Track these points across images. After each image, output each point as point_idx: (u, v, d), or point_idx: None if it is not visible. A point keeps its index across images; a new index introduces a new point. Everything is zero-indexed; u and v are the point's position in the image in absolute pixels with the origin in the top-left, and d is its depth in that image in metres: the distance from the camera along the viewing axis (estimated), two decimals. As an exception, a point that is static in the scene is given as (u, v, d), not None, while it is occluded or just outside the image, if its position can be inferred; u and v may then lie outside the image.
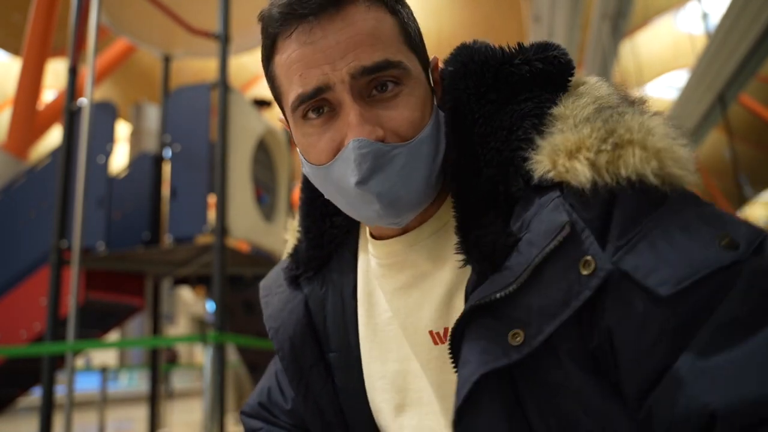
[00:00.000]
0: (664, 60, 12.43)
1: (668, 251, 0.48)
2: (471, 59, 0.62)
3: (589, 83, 0.62)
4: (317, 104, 0.58)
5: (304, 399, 0.73)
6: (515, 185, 0.57)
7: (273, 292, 0.79)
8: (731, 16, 5.72)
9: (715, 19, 7.05)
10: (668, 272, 0.47)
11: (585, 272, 0.49)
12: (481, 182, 0.58)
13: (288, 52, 0.57)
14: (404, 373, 0.67)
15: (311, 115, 0.58)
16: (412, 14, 0.63)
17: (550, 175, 0.54)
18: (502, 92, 0.60)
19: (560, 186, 0.54)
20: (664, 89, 12.08)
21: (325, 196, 0.65)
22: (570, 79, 0.62)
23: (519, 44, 0.63)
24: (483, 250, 0.55)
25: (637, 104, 0.58)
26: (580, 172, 0.52)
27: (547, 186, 0.54)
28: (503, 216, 0.56)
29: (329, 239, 0.75)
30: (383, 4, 0.59)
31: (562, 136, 0.54)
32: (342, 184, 0.59)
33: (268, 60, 0.61)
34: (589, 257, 0.49)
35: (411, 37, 0.61)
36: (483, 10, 9.87)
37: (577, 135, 0.54)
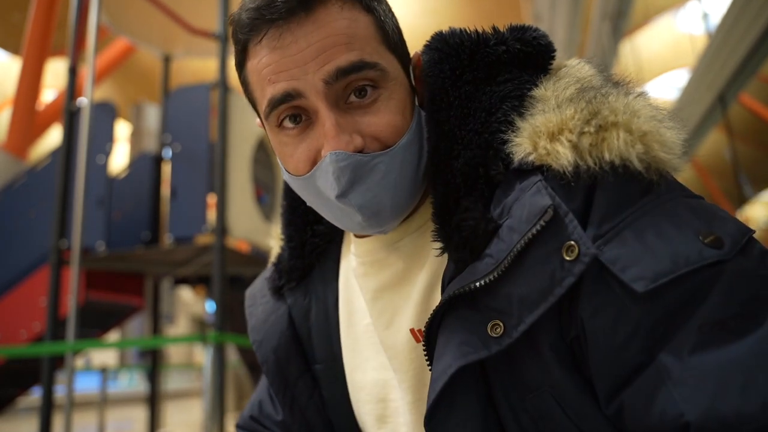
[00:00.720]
0: (664, 60, 12.42)
1: (649, 245, 0.46)
2: (445, 43, 0.59)
3: (570, 65, 0.59)
4: (292, 112, 0.55)
5: (291, 411, 0.72)
6: (495, 169, 0.54)
7: (257, 302, 0.77)
8: (731, 16, 5.72)
9: (715, 19, 7.05)
10: (646, 267, 0.44)
11: (568, 258, 0.46)
12: (460, 165, 0.55)
13: (258, 58, 0.55)
14: (383, 382, 0.66)
15: (287, 123, 0.56)
16: (389, 10, 0.61)
17: (531, 158, 0.51)
18: (480, 72, 0.57)
19: (541, 169, 0.51)
20: (664, 89, 12.07)
21: (307, 204, 0.63)
22: (551, 61, 0.60)
23: (494, 27, 0.60)
24: (464, 236, 0.52)
25: (622, 85, 0.55)
26: (562, 155, 0.49)
27: (527, 169, 0.52)
28: (484, 201, 0.54)
29: (311, 249, 0.73)
30: (357, 2, 0.56)
31: (543, 117, 0.52)
32: (322, 196, 0.57)
33: (240, 66, 0.59)
34: (572, 242, 0.46)
35: (388, 35, 0.58)
36: (483, 10, 9.87)
37: (559, 116, 0.51)
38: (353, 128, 0.54)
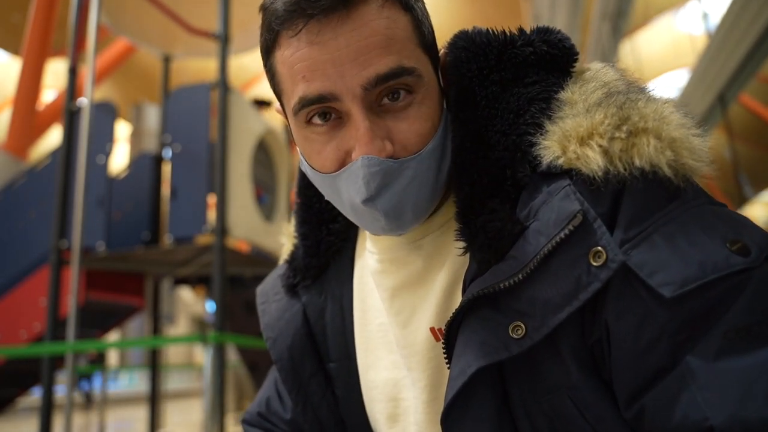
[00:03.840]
0: (664, 60, 12.43)
1: (677, 250, 0.46)
2: (472, 42, 0.58)
3: (594, 69, 0.59)
4: (323, 110, 0.54)
5: (303, 410, 0.72)
6: (522, 171, 0.54)
7: (270, 299, 0.77)
8: (731, 16, 5.72)
9: (715, 19, 7.06)
10: (674, 272, 0.45)
11: (595, 263, 0.46)
12: (487, 166, 0.55)
13: (292, 50, 0.53)
14: (394, 381, 0.66)
15: (316, 120, 0.55)
16: (425, 8, 0.59)
17: (560, 161, 0.51)
18: (507, 73, 0.57)
19: (569, 173, 0.51)
20: (664, 89, 12.08)
21: (326, 198, 0.63)
22: (574, 64, 0.60)
23: (520, 28, 0.60)
24: (489, 237, 0.52)
25: (647, 90, 0.55)
26: (592, 160, 0.49)
27: (555, 173, 0.52)
28: (510, 203, 0.54)
29: (326, 247, 0.72)
30: (397, 1, 0.54)
31: (573, 120, 0.52)
32: (347, 197, 0.57)
33: (268, 53, 0.57)
34: (599, 248, 0.46)
35: (425, 36, 0.57)
36: (483, 10, 9.88)
37: (589, 120, 0.51)
38: (385, 134, 0.54)
